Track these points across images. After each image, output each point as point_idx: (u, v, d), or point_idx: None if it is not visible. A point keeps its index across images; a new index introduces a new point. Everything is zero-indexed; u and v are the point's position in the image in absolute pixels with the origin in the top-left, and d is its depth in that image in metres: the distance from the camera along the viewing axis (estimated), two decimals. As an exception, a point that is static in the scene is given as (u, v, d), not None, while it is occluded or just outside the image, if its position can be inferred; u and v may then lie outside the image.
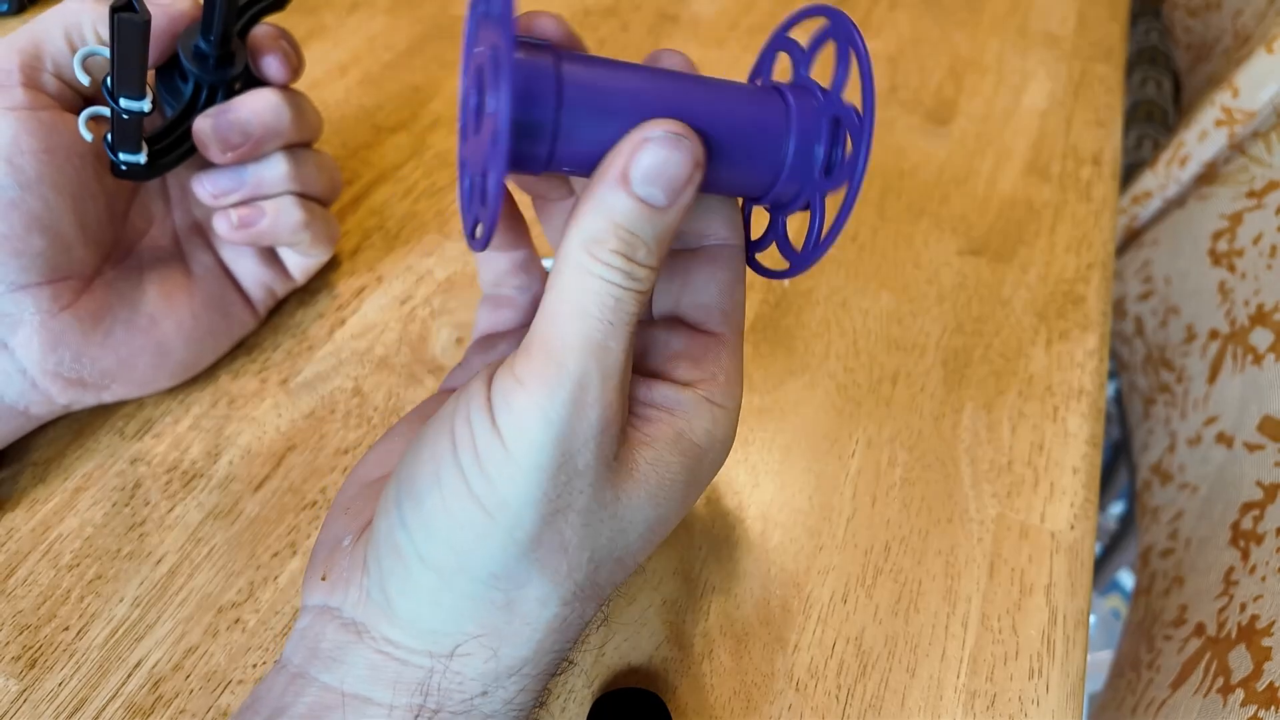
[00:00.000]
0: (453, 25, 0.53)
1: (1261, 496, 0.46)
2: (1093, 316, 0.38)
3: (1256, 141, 0.59)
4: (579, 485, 0.17)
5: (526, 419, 0.17)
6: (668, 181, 0.17)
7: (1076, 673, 0.27)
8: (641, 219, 0.17)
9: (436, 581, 0.18)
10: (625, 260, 0.17)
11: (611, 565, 0.19)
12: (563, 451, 0.17)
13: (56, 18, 0.26)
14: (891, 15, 0.57)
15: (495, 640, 0.18)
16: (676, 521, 0.20)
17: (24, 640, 0.26)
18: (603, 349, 0.17)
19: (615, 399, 0.18)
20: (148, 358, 0.30)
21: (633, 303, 0.17)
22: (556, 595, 0.18)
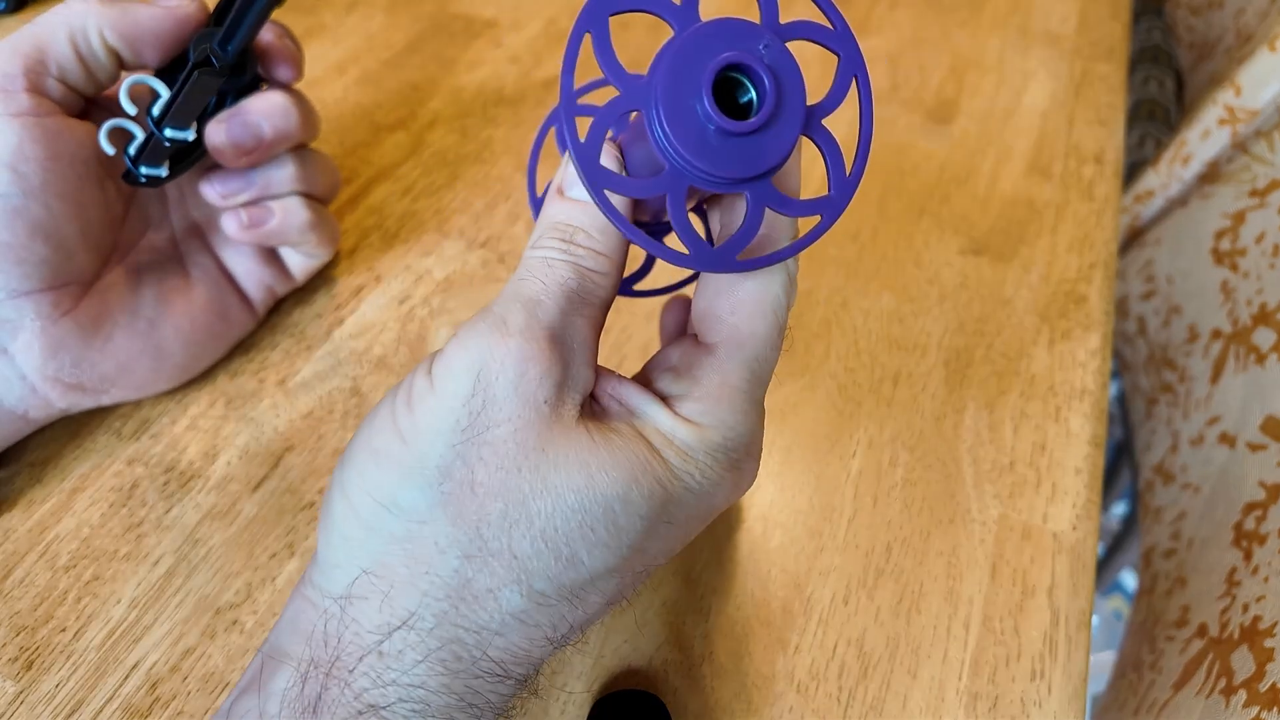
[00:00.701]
0: (451, 24, 0.53)
1: (1264, 497, 0.46)
2: (1095, 316, 0.38)
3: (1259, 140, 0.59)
4: (495, 416, 0.17)
5: (449, 354, 0.18)
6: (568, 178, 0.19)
7: (1079, 674, 0.27)
8: (576, 214, 0.19)
9: (347, 510, 0.18)
10: (561, 242, 0.19)
11: (533, 537, 0.17)
12: (476, 377, 0.17)
13: (59, 19, 0.26)
14: (892, 15, 0.57)
15: (387, 582, 0.17)
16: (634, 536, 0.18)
17: (21, 641, 0.26)
18: (532, 301, 0.18)
19: (546, 343, 0.18)
20: (147, 361, 0.30)
21: (569, 272, 0.18)
22: (457, 543, 0.17)
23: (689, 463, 0.18)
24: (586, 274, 0.19)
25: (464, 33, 0.53)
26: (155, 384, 0.31)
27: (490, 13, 0.54)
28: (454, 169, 0.43)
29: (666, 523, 0.19)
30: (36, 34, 0.26)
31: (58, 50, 0.26)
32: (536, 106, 0.47)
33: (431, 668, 0.17)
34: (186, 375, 0.32)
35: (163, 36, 0.27)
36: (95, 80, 0.27)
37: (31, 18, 0.53)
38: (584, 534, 0.17)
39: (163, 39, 0.27)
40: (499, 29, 0.53)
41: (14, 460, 0.30)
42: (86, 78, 0.27)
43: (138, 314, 0.29)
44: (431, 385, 0.18)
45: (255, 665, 0.19)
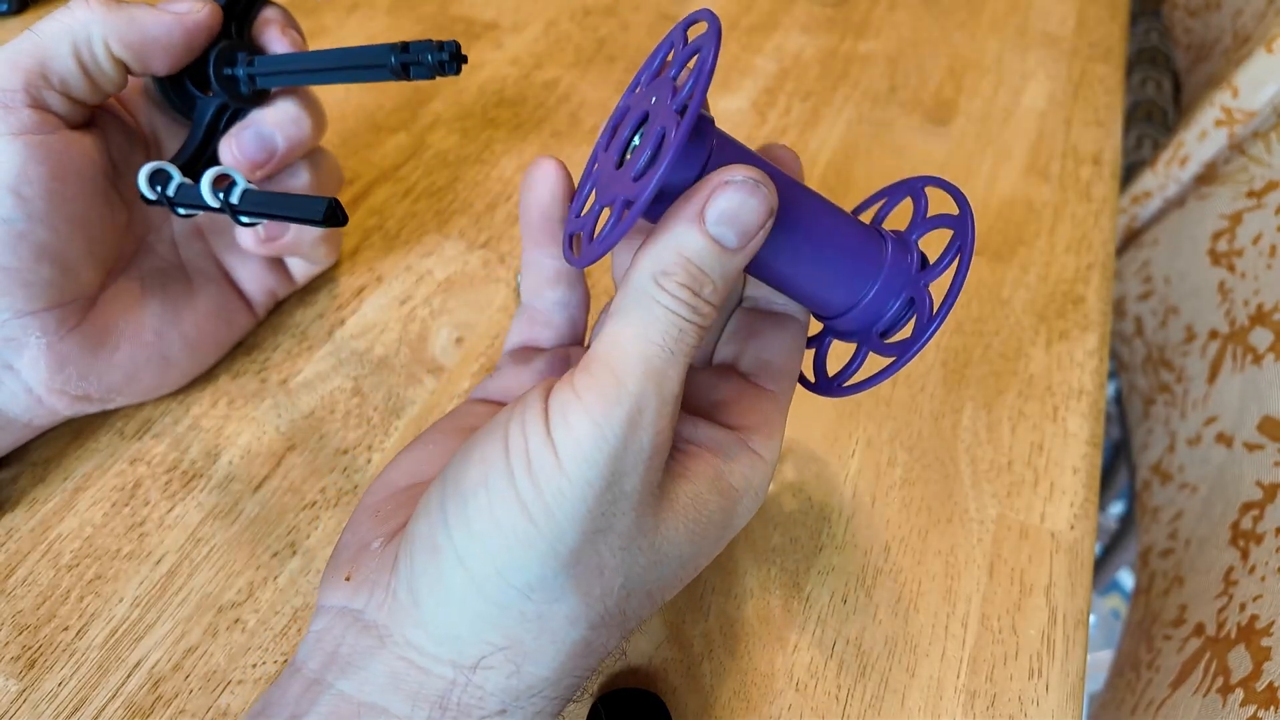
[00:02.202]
0: (452, 25, 0.53)
1: (1261, 496, 0.46)
2: (1092, 316, 0.38)
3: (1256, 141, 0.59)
4: (623, 507, 0.18)
5: (581, 432, 0.17)
6: (741, 225, 0.17)
7: (1076, 673, 0.27)
8: (711, 257, 0.17)
9: (470, 584, 0.18)
10: (691, 294, 0.17)
11: (642, 597, 0.19)
12: (613, 470, 0.17)
13: (61, 28, 0.25)
14: (891, 15, 0.57)
15: (519, 655, 0.18)
16: (706, 563, 0.21)
17: (24, 640, 0.26)
18: (662, 375, 0.17)
19: (666, 428, 0.18)
20: (152, 370, 0.30)
21: (693, 335, 0.18)
22: (586, 617, 0.18)
23: (753, 496, 0.21)
24: (701, 334, 0.18)
25: (465, 34, 0.53)
26: (160, 389, 0.31)
27: (491, 15, 0.55)
28: (455, 170, 0.43)
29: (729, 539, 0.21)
30: (37, 45, 0.24)
31: (60, 63, 0.25)
32: (537, 108, 0.47)
33: (548, 711, 0.19)
34: (190, 378, 0.32)
35: (172, 46, 0.26)
36: (100, 91, 0.26)
37: (33, 19, 0.53)
38: (679, 580, 0.20)
39: (173, 49, 0.26)
40: (499, 31, 0.53)
41: (17, 460, 0.30)
42: (91, 89, 0.26)
43: (143, 324, 0.29)
44: (559, 462, 0.17)
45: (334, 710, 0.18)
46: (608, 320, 0.18)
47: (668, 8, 0.56)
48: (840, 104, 0.49)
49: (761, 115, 0.48)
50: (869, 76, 0.51)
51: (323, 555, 0.28)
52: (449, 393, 0.33)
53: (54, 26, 0.25)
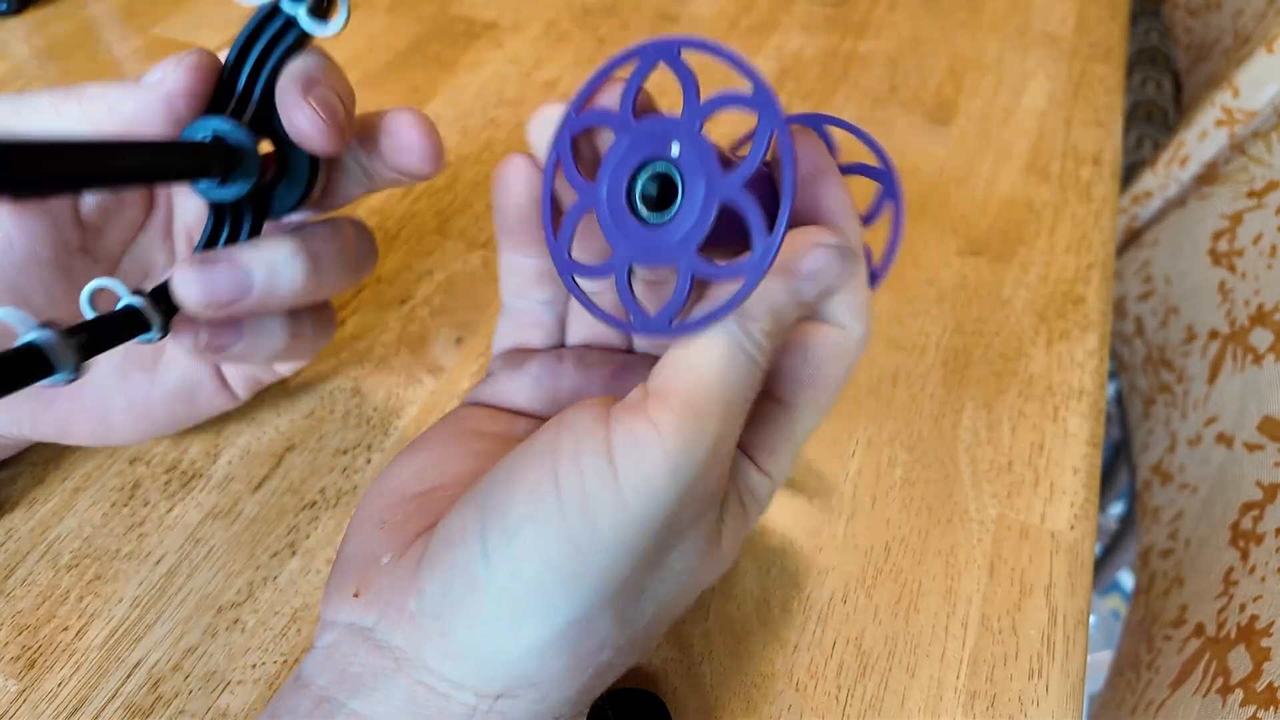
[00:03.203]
0: (452, 25, 0.53)
1: (1261, 497, 0.46)
2: (1093, 316, 0.38)
3: (1257, 141, 0.59)
4: (676, 543, 0.17)
5: (654, 467, 0.16)
6: (823, 285, 0.18)
7: (1076, 673, 0.27)
8: (789, 309, 0.18)
9: (511, 620, 0.17)
10: (766, 340, 0.17)
11: (665, 621, 0.19)
12: (679, 508, 0.16)
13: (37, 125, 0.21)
14: (891, 15, 0.57)
15: (548, 686, 0.18)
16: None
17: (23, 640, 0.26)
18: (737, 417, 0.17)
19: (727, 471, 0.18)
20: (88, 426, 0.27)
21: (759, 385, 0.18)
22: (614, 642, 0.18)
23: (759, 511, 0.21)
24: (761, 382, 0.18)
25: (464, 34, 0.53)
26: (102, 443, 0.28)
27: (491, 14, 0.55)
28: (454, 170, 0.43)
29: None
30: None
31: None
32: (537, 108, 0.47)
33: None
34: (137, 441, 0.29)
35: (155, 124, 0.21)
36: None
37: (34, 18, 0.53)
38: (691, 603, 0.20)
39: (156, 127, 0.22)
40: (499, 30, 0.53)
41: (16, 461, 0.30)
42: None
43: (84, 383, 0.24)
44: (620, 494, 0.16)
45: None
46: (682, 351, 0.17)
47: (668, 7, 0.56)
48: (840, 104, 0.49)
49: (761, 115, 0.48)
50: (869, 76, 0.51)
51: (323, 555, 0.28)
52: (449, 393, 0.33)
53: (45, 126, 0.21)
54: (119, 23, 0.54)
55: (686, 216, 0.17)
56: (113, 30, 0.53)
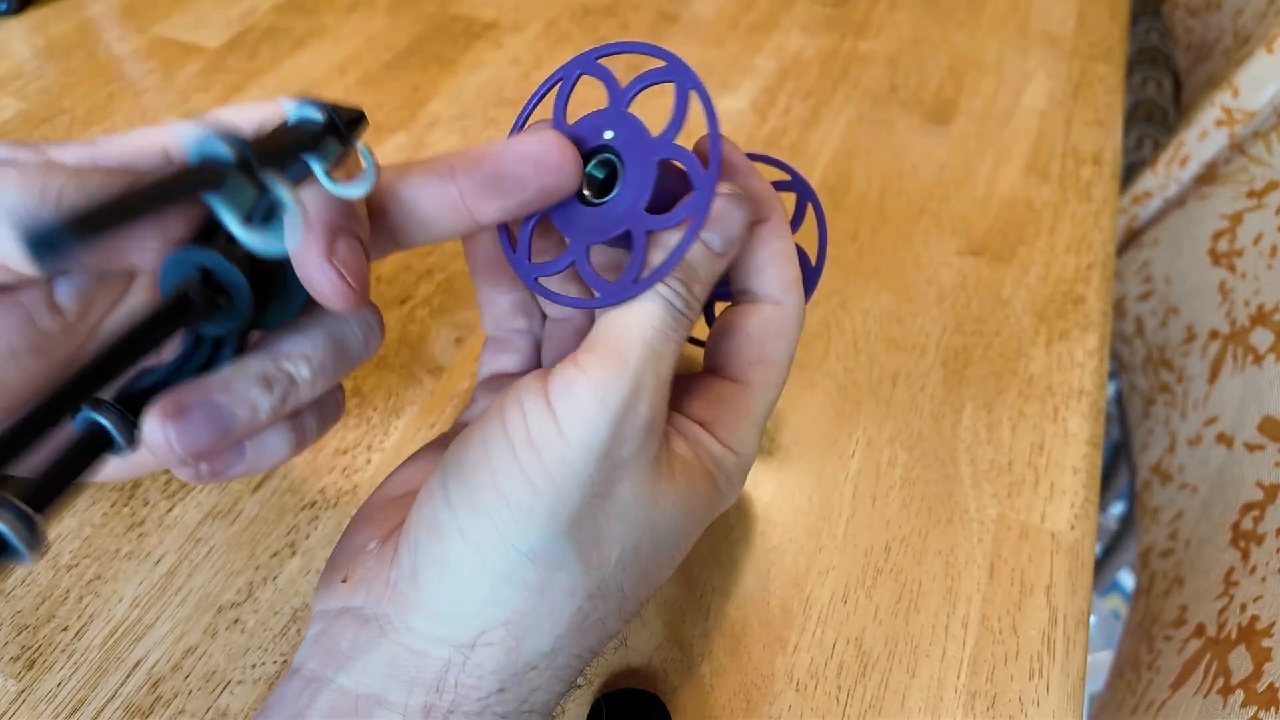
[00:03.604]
0: (452, 25, 0.53)
1: (1261, 497, 0.46)
2: (1093, 316, 0.38)
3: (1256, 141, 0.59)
4: (622, 474, 0.18)
5: (584, 402, 0.18)
6: (729, 233, 0.20)
7: (1077, 673, 0.27)
8: (703, 262, 0.20)
9: (473, 556, 0.18)
10: (685, 288, 0.19)
11: (637, 574, 0.20)
12: (613, 437, 0.18)
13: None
14: (891, 15, 0.57)
15: (520, 629, 0.18)
16: (689, 546, 0.21)
17: (23, 640, 0.26)
18: (658, 356, 0.19)
19: (661, 405, 0.19)
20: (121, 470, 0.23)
21: (685, 327, 0.19)
22: (584, 586, 0.19)
23: (729, 485, 0.21)
24: (687, 330, 0.20)
25: (464, 34, 0.53)
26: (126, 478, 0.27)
27: (490, 14, 0.55)
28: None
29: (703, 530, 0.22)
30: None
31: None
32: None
33: (544, 693, 0.19)
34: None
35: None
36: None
37: (34, 19, 0.53)
38: (670, 559, 0.20)
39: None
40: (499, 30, 0.53)
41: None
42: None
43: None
44: (559, 429, 0.18)
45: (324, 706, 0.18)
46: (607, 312, 0.19)
47: (667, 8, 0.56)
48: (840, 104, 0.49)
49: (761, 115, 0.48)
50: (869, 76, 0.51)
51: (322, 555, 0.28)
52: (449, 393, 0.33)
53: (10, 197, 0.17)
54: (119, 23, 0.54)
55: (630, 184, 0.19)
56: (112, 30, 0.53)
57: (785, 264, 0.22)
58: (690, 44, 0.53)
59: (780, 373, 0.22)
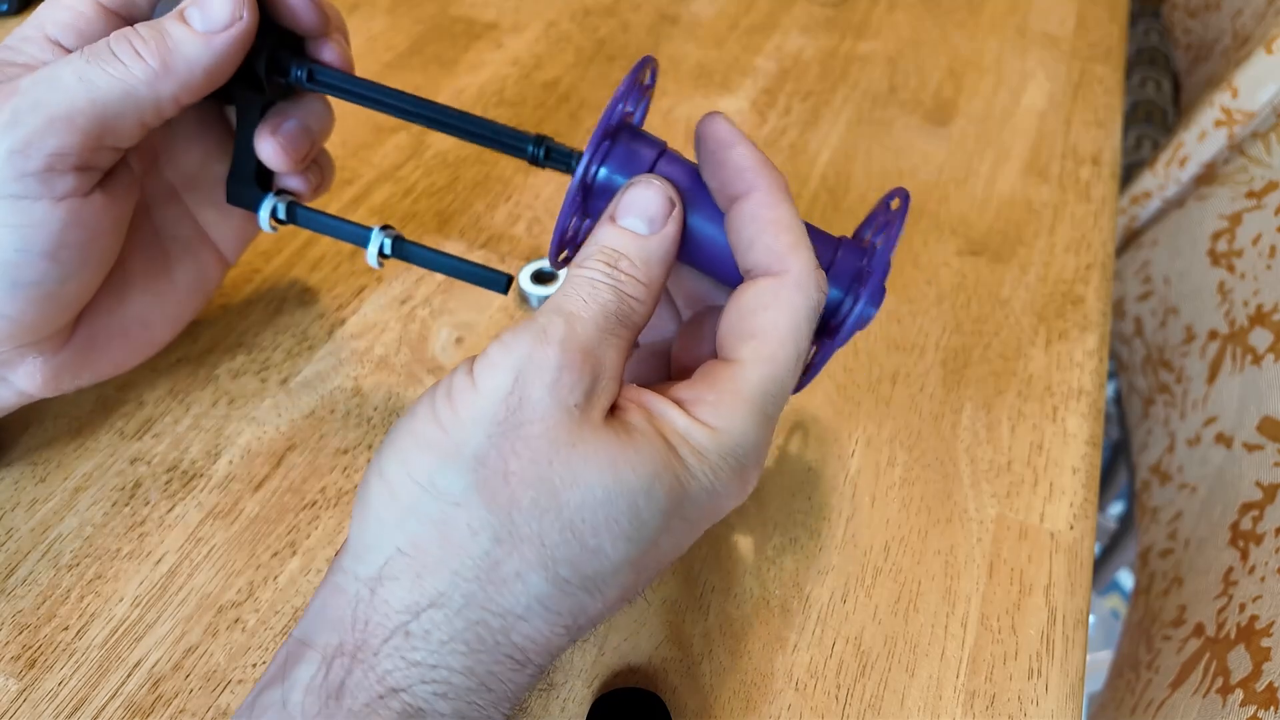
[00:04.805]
0: (452, 26, 0.53)
1: (1261, 497, 0.46)
2: (1092, 317, 0.38)
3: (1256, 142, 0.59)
4: (529, 414, 0.19)
5: (493, 356, 0.19)
6: (645, 213, 0.21)
7: (1076, 673, 0.27)
8: (625, 242, 0.21)
9: (384, 492, 0.19)
10: (606, 265, 0.20)
11: (562, 529, 0.18)
12: (515, 377, 0.19)
13: (121, 90, 0.22)
14: (891, 16, 0.57)
15: (419, 563, 0.18)
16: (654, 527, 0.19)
17: (24, 640, 0.26)
18: (572, 316, 0.20)
19: (580, 355, 0.19)
20: (141, 355, 0.29)
21: (610, 295, 0.20)
22: (490, 527, 0.18)
23: (703, 462, 0.20)
24: (625, 298, 0.20)
25: (465, 35, 0.53)
26: (141, 360, 0.30)
27: (491, 15, 0.55)
28: (455, 170, 0.43)
29: (681, 519, 0.20)
30: (94, 104, 0.22)
31: (123, 124, 0.23)
32: (537, 108, 0.47)
33: (456, 648, 0.18)
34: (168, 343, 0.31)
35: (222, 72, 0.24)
36: (149, 131, 0.24)
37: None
38: (609, 525, 0.19)
39: (222, 74, 0.24)
40: (499, 31, 0.53)
41: (15, 460, 0.30)
42: (143, 135, 0.24)
43: (130, 319, 0.28)
44: (473, 382, 0.19)
45: (280, 657, 0.19)
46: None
47: (667, 8, 0.56)
48: (840, 104, 0.49)
49: (761, 115, 0.48)
50: (869, 76, 0.51)
51: (323, 555, 0.28)
52: (449, 393, 0.33)
53: (113, 85, 0.22)
54: (119, 23, 0.54)
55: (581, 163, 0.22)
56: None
57: (775, 232, 0.21)
58: (690, 44, 0.53)
59: (780, 346, 0.20)
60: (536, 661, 0.19)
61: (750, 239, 0.21)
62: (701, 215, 0.23)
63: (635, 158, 0.23)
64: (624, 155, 0.23)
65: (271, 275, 0.37)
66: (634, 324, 0.21)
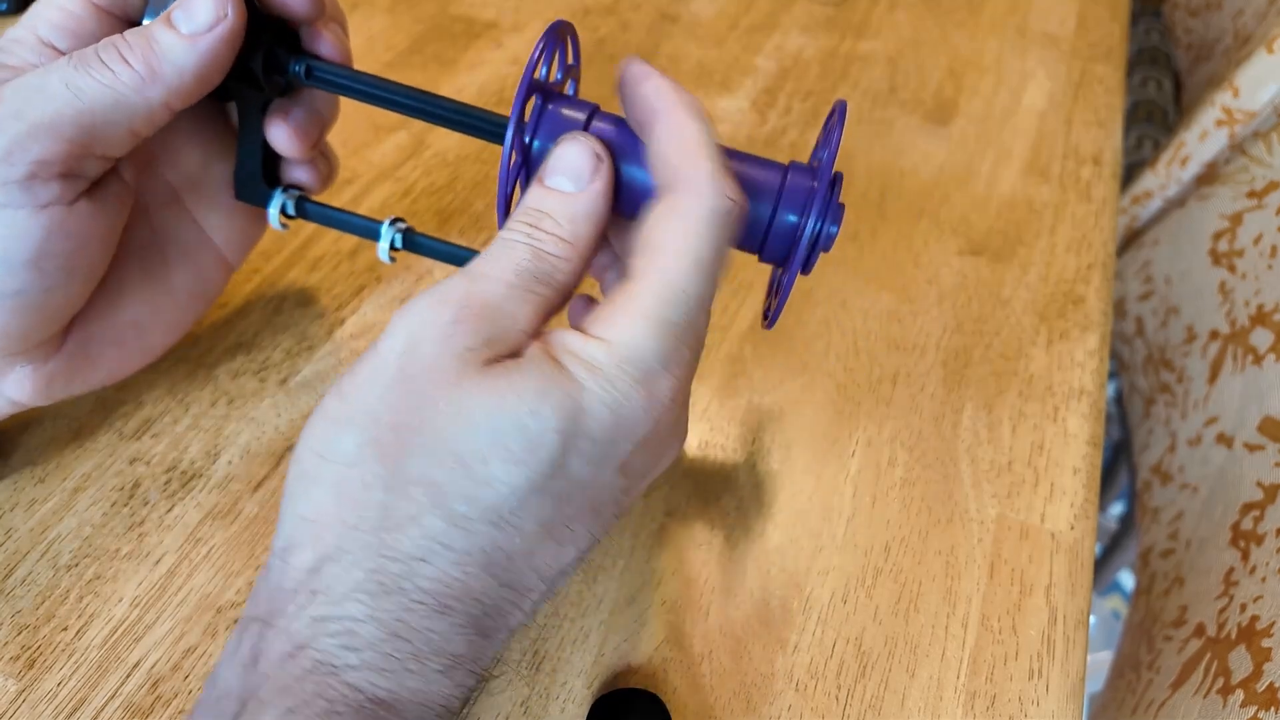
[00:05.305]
0: (452, 25, 0.53)
1: (1262, 497, 0.46)
2: (1093, 316, 0.38)
3: (1257, 141, 0.59)
4: (418, 366, 0.19)
5: (391, 320, 0.20)
6: (570, 170, 0.21)
7: (1076, 673, 0.27)
8: (550, 202, 0.21)
9: (294, 469, 0.20)
10: (527, 226, 0.21)
11: (450, 463, 0.18)
12: (408, 336, 0.19)
13: (110, 98, 0.22)
14: (891, 16, 0.57)
15: (319, 524, 0.19)
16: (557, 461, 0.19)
17: (23, 640, 0.26)
18: (477, 275, 0.20)
19: (478, 309, 0.19)
20: (136, 362, 0.29)
21: (525, 253, 0.20)
22: (380, 478, 0.18)
23: (595, 374, 0.19)
24: (544, 256, 0.21)
25: (464, 34, 0.53)
26: (138, 368, 0.30)
27: (490, 14, 0.55)
28: (454, 169, 0.43)
29: (587, 439, 0.19)
30: (82, 114, 0.22)
31: (111, 134, 0.22)
32: (536, 107, 0.47)
33: (358, 598, 0.18)
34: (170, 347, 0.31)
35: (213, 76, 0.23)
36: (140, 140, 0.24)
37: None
38: (497, 450, 0.18)
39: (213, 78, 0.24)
40: (499, 30, 0.53)
41: (15, 459, 0.30)
42: (134, 144, 0.23)
43: (124, 326, 0.28)
44: (373, 347, 0.20)
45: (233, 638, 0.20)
46: None
47: (667, 7, 0.56)
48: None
49: (761, 115, 0.48)
50: (869, 76, 0.51)
51: (322, 555, 0.28)
52: (449, 393, 0.33)
53: (100, 93, 0.22)
54: (119, 23, 0.53)
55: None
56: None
57: (674, 147, 0.20)
58: (690, 44, 0.53)
59: (674, 255, 0.20)
60: (460, 609, 0.19)
61: (651, 159, 0.21)
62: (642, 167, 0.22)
63: (567, 122, 0.23)
64: (555, 120, 0.23)
65: (271, 275, 0.37)
66: (557, 281, 0.21)
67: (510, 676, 0.26)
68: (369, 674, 0.18)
